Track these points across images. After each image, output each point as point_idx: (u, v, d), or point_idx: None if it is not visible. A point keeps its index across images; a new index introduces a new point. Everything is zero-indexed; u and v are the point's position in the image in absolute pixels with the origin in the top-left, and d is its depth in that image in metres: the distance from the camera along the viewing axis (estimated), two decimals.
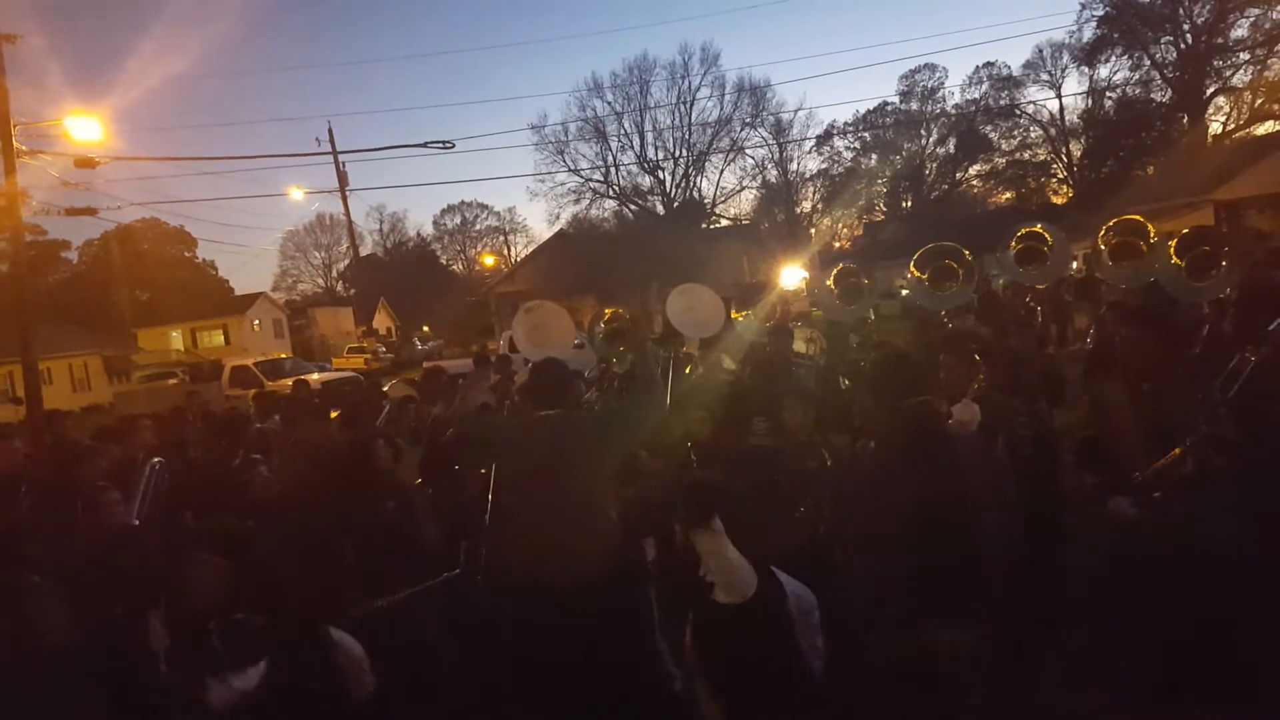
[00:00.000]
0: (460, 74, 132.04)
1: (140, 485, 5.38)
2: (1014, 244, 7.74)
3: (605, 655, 3.83)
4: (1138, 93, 56.28)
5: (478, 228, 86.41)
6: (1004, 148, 63.91)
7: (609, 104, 62.42)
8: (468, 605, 4.59)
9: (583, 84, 65.45)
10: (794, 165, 67.40)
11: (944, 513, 3.32)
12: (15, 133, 17.00)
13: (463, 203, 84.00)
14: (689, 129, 63.13)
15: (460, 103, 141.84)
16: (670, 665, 4.14)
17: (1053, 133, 61.82)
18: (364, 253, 71.00)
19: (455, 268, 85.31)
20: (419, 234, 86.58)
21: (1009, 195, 64.43)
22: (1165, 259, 6.67)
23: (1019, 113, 61.94)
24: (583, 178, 63.35)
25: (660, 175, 64.57)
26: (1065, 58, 58.62)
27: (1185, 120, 53.78)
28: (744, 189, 67.53)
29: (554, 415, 4.36)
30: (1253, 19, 49.19)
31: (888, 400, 3.74)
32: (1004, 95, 62.11)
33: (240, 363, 31.47)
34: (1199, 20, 51.36)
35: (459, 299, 62.21)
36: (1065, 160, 62.28)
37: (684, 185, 65.17)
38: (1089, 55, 56.49)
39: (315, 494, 5.26)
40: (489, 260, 75.62)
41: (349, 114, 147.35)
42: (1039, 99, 61.45)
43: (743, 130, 64.09)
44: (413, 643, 4.67)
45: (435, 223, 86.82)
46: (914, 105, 65.48)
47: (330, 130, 42.08)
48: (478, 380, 5.78)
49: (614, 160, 63.58)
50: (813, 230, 65.61)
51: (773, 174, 66.96)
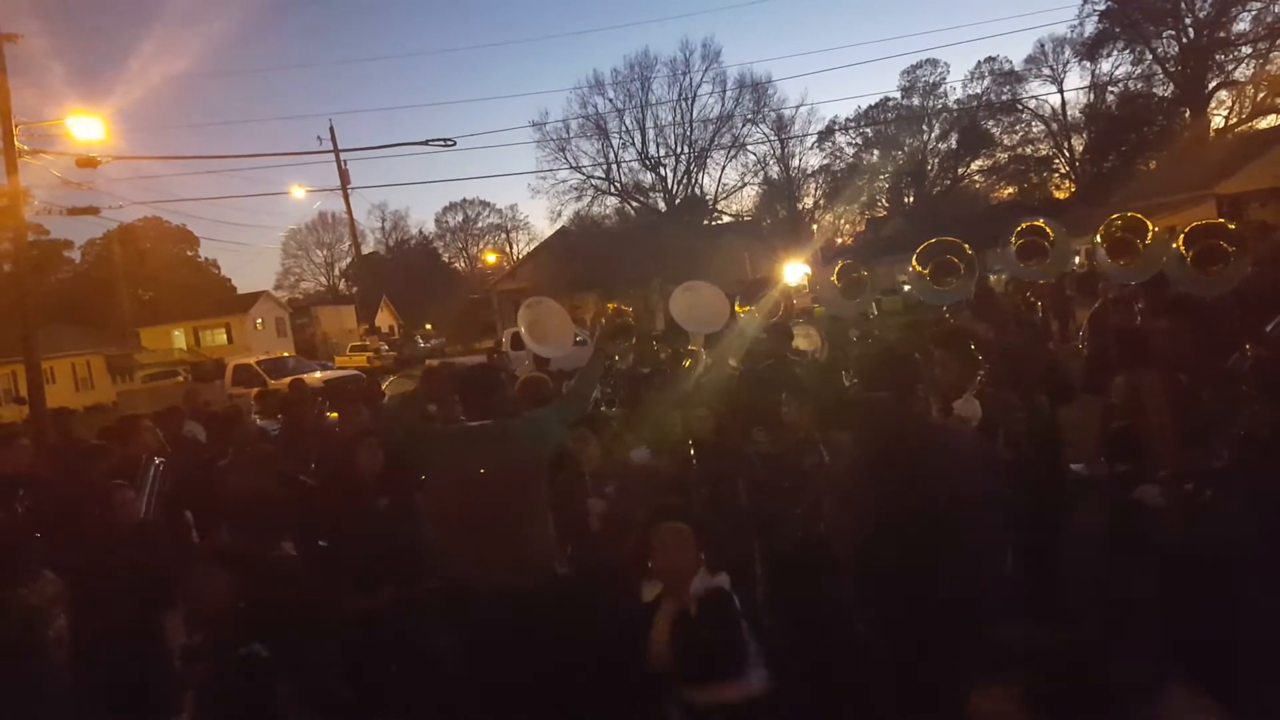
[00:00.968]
0: (461, 71, 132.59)
1: (146, 484, 5.40)
2: (1015, 239, 7.74)
3: (547, 664, 3.83)
4: (1140, 87, 56.19)
5: (480, 225, 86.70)
6: (1006, 143, 63.84)
7: (610, 101, 62.35)
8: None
9: (584, 81, 65.70)
10: (796, 161, 67.50)
11: (909, 504, 3.36)
12: (17, 132, 17.02)
13: (464, 200, 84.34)
14: (690, 125, 63.05)
15: (461, 100, 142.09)
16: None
17: (1055, 127, 61.72)
18: (366, 251, 71.17)
19: (457, 265, 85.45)
20: (421, 232, 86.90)
21: (1011, 190, 64.27)
22: (1171, 253, 6.67)
23: (1021, 108, 61.87)
24: (584, 175, 63.31)
25: (662, 172, 64.46)
26: (1067, 52, 58.59)
27: (1187, 114, 53.65)
28: (746, 185, 67.48)
29: (483, 426, 4.31)
30: (1254, 12, 49.04)
31: (869, 389, 3.84)
32: (1006, 90, 62.00)
33: (243, 361, 31.50)
34: (1201, 14, 51.21)
35: (461, 297, 62.36)
36: (1067, 155, 62.17)
37: (686, 182, 65.06)
38: (1091, 50, 56.40)
39: (308, 492, 5.27)
40: (491, 258, 75.70)
41: (350, 112, 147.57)
42: (1041, 94, 61.34)
43: (744, 126, 63.99)
44: (406, 642, 4.69)
45: (437, 220, 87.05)
46: (916, 101, 65.37)
47: (332, 128, 42.35)
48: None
49: (615, 157, 63.49)
50: (815, 226, 65.57)
51: (774, 170, 66.98)
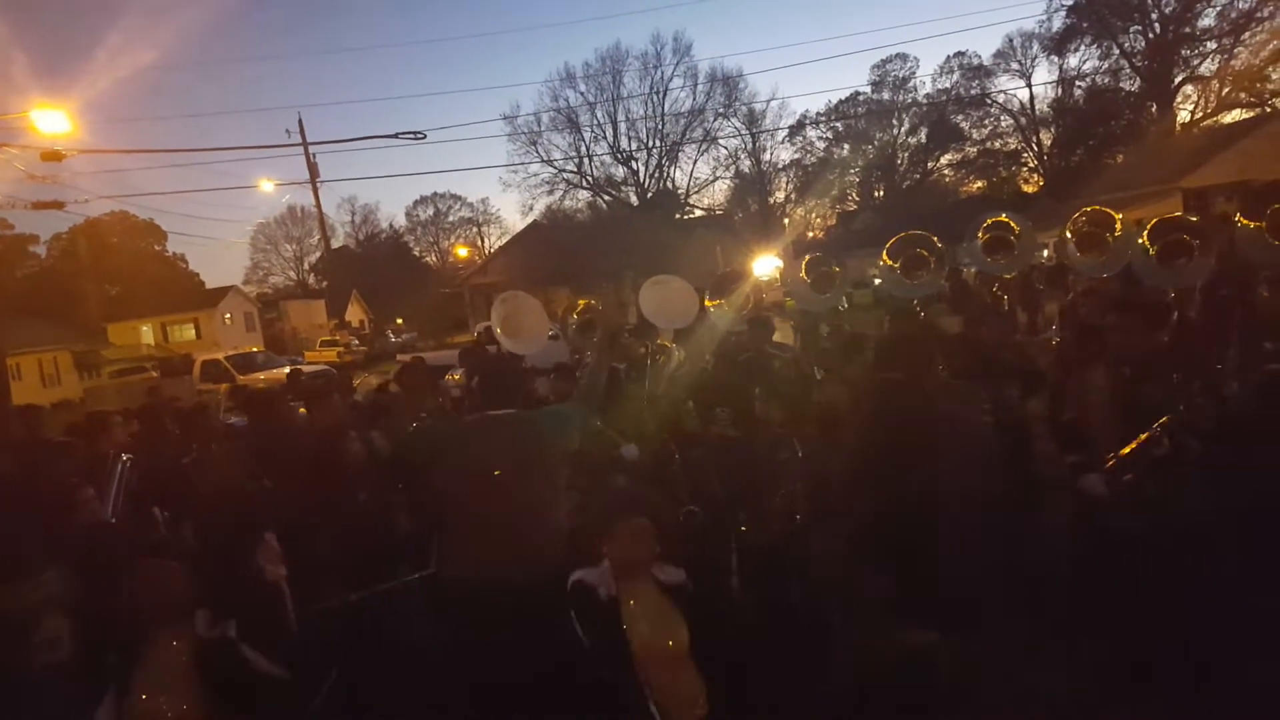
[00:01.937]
0: (432, 63, 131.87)
1: (112, 482, 5.34)
2: (981, 234, 7.81)
3: (552, 659, 3.83)
4: (1107, 82, 56.79)
5: (451, 219, 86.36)
6: (975, 137, 64.48)
7: (582, 94, 62.45)
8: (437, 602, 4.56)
9: (555, 74, 65.56)
10: (767, 155, 67.83)
11: (926, 478, 3.60)
12: None
13: (435, 194, 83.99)
14: (662, 119, 63.23)
15: (432, 93, 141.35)
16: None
17: (1023, 122, 62.34)
18: (336, 245, 70.76)
19: (428, 259, 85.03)
20: (391, 226, 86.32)
21: (980, 184, 64.83)
22: (1136, 246, 6.74)
23: (990, 102, 62.40)
24: (556, 168, 63.36)
25: (634, 165, 64.64)
26: (1035, 47, 59.26)
27: (1154, 109, 54.31)
28: (717, 179, 67.87)
29: (505, 415, 4.32)
30: (1220, 8, 49.80)
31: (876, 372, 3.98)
32: (975, 85, 62.57)
33: (211, 357, 31.16)
34: (1167, 10, 51.84)
35: (432, 291, 61.95)
36: (1035, 149, 62.83)
37: (658, 175, 65.26)
38: (1059, 45, 57.04)
39: (285, 487, 5.22)
40: (462, 252, 75.22)
41: (319, 105, 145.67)
42: (1009, 88, 61.87)
43: (716, 120, 64.33)
44: (386, 637, 4.66)
45: (408, 214, 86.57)
46: (886, 95, 65.77)
47: (300, 121, 42.20)
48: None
49: (587, 151, 63.62)
50: (786, 220, 65.80)
51: (746, 164, 67.29)
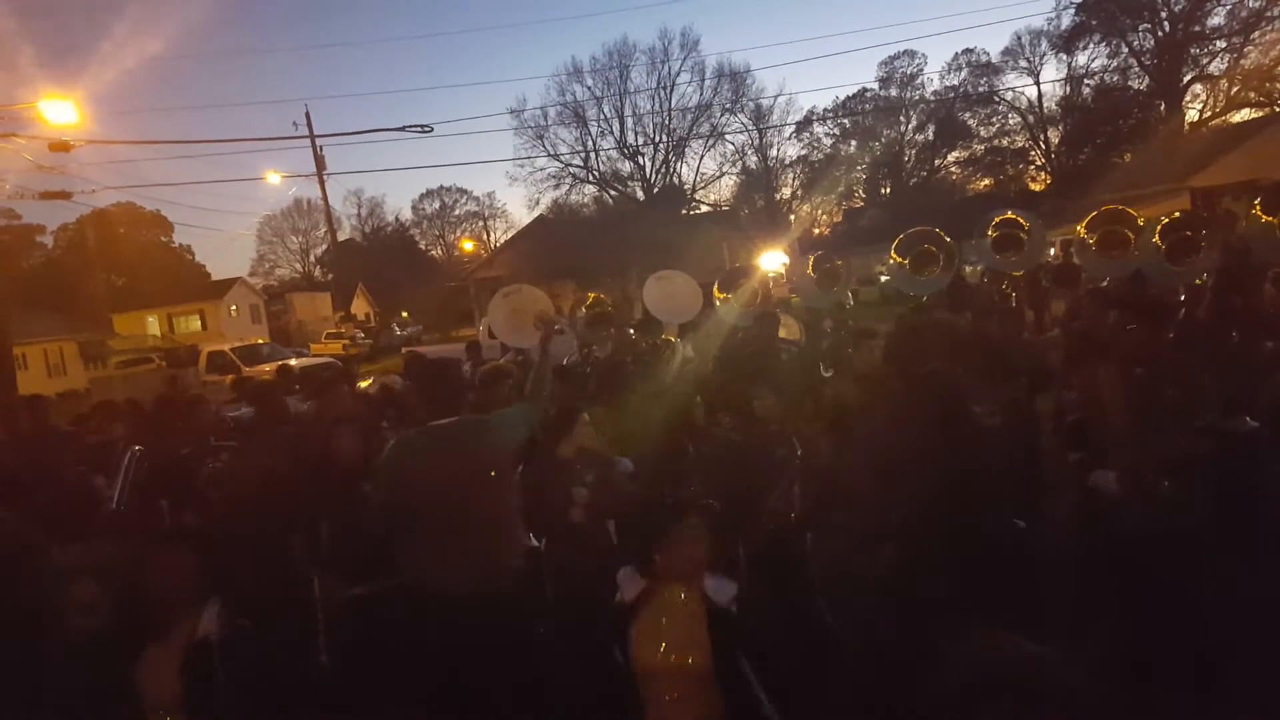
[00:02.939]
0: (439, 57, 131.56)
1: (120, 472, 5.34)
2: (990, 231, 7.79)
3: (512, 665, 3.83)
4: (1115, 80, 56.64)
5: (457, 212, 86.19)
6: (982, 134, 64.32)
7: (589, 89, 62.36)
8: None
9: (562, 68, 65.40)
10: (774, 151, 67.78)
11: (960, 467, 3.73)
12: None
13: (442, 187, 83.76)
14: (669, 114, 63.16)
15: (439, 86, 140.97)
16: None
17: (1031, 120, 62.12)
18: (342, 237, 70.59)
19: (434, 253, 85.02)
20: (397, 219, 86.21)
21: (987, 182, 64.76)
22: (1147, 244, 6.74)
23: (997, 100, 62.24)
24: (562, 163, 63.32)
25: (640, 161, 64.53)
26: (1044, 45, 59.11)
27: (1162, 108, 54.15)
28: (724, 175, 67.69)
29: (446, 425, 4.24)
30: (1229, 7, 49.64)
31: (904, 367, 4.10)
32: (983, 82, 62.45)
33: (217, 348, 31.18)
34: (1176, 8, 51.64)
35: (438, 284, 61.93)
36: (1043, 147, 62.64)
37: (664, 171, 65.15)
38: (1067, 42, 56.84)
39: (278, 481, 5.23)
40: (468, 245, 75.13)
41: (327, 97, 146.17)
42: (1017, 86, 61.74)
43: (722, 116, 64.18)
44: (382, 633, 4.66)
45: (414, 207, 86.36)
46: (893, 92, 65.63)
47: (308, 113, 41.70)
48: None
49: (594, 145, 63.54)
50: (792, 216, 65.76)
51: (752, 160, 67.19)
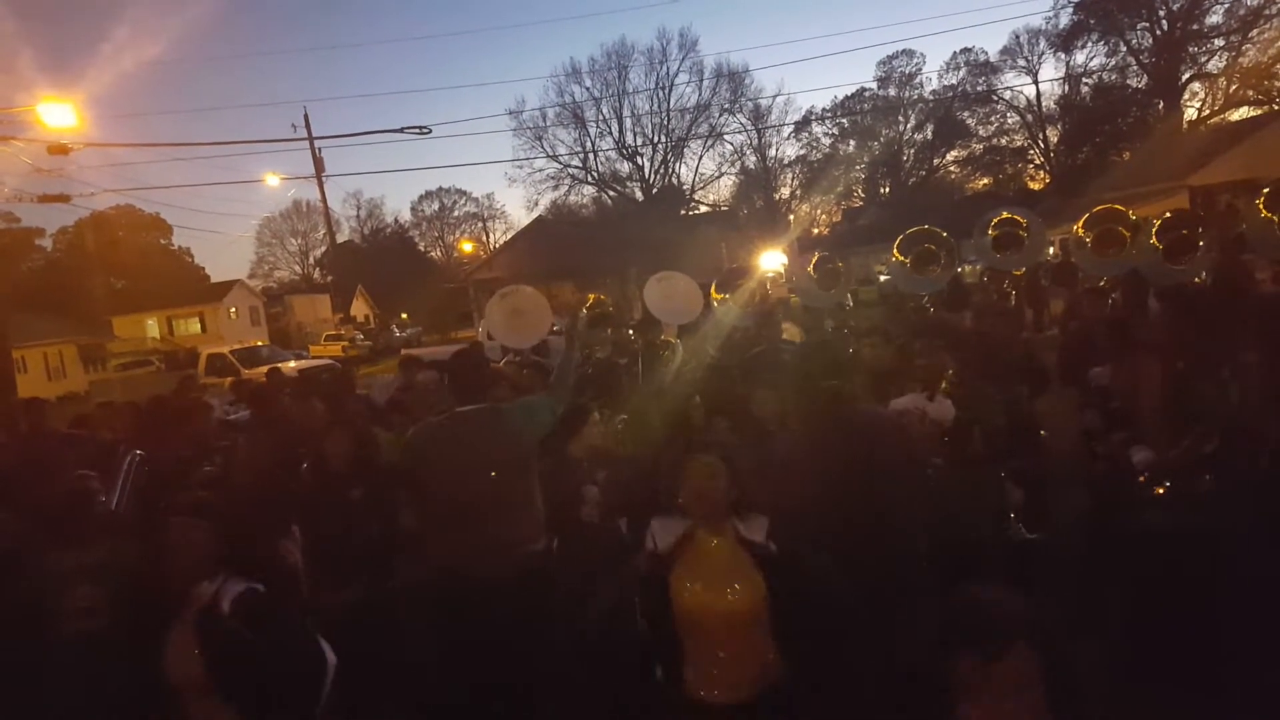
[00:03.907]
0: (437, 58, 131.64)
1: (120, 475, 5.34)
2: (990, 230, 7.78)
3: (530, 650, 3.84)
4: (1114, 79, 56.67)
5: (456, 214, 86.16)
6: (981, 134, 64.28)
7: (587, 89, 62.23)
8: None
9: (561, 69, 65.21)
10: (772, 151, 67.57)
11: (852, 478, 3.84)
12: None
13: (440, 189, 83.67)
14: (667, 115, 63.06)
15: (438, 88, 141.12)
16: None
17: (1029, 119, 62.10)
18: (341, 239, 70.68)
19: (433, 254, 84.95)
20: (396, 220, 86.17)
21: (986, 181, 64.73)
22: (1144, 243, 6.74)
23: (996, 99, 62.25)
24: (561, 164, 63.22)
25: (639, 161, 64.42)
26: (1042, 44, 59.06)
27: (1161, 106, 54.13)
28: (723, 175, 67.51)
29: (474, 410, 4.36)
30: (1227, 5, 49.58)
31: (806, 384, 4.39)
32: (981, 81, 62.40)
33: (216, 350, 31.24)
34: (1174, 6, 51.61)
35: (437, 286, 61.85)
36: (1042, 146, 62.60)
37: (663, 171, 65.07)
38: (1065, 41, 56.83)
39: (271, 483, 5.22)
40: (467, 247, 75.10)
41: (325, 99, 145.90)
42: (1016, 85, 61.85)
43: (721, 116, 64.05)
44: (382, 636, 4.65)
45: (413, 209, 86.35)
46: (892, 91, 65.57)
47: (306, 115, 41.56)
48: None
49: (592, 146, 63.44)
50: (791, 216, 65.65)
51: (751, 160, 67.02)
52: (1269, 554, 3.77)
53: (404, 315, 61.95)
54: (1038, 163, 63.65)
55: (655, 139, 63.45)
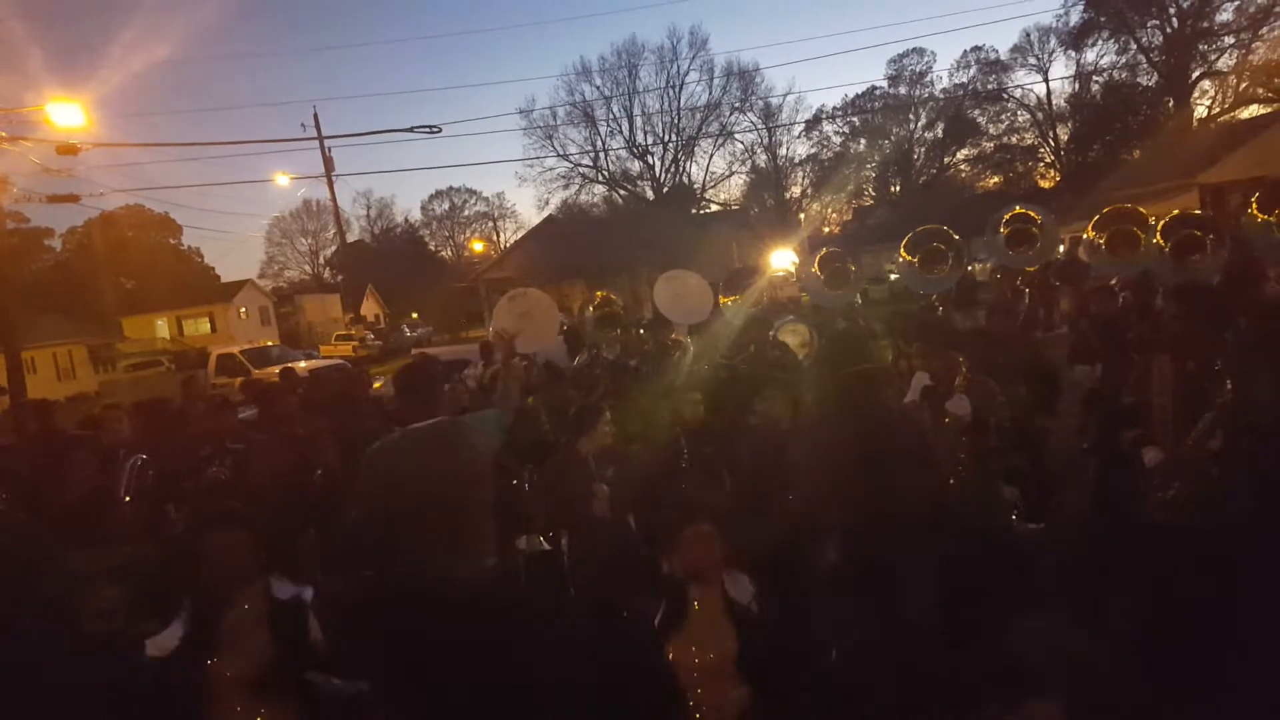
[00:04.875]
0: (447, 58, 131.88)
1: (122, 479, 5.36)
2: (1003, 227, 7.74)
3: (496, 662, 3.81)
4: (1124, 77, 56.53)
5: (466, 213, 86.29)
6: (991, 132, 64.23)
7: (597, 88, 62.41)
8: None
9: (571, 68, 65.40)
10: (783, 150, 67.60)
11: (876, 461, 3.87)
12: None
13: (451, 188, 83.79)
14: (678, 114, 63.15)
15: (448, 87, 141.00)
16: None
17: (1040, 117, 62.03)
18: (351, 239, 70.81)
19: (444, 254, 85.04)
20: (407, 220, 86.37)
21: (996, 179, 64.54)
22: (1152, 246, 6.70)
23: (1006, 97, 62.14)
24: (572, 163, 63.37)
25: (649, 160, 64.55)
26: (1052, 42, 59.00)
27: (1171, 104, 53.96)
28: (733, 174, 67.70)
29: (426, 427, 4.24)
30: (1237, 3, 49.36)
31: (831, 370, 4.40)
32: (992, 79, 62.26)
33: (226, 350, 31.17)
34: (1184, 4, 51.44)
35: (448, 285, 61.92)
36: (1052, 144, 62.48)
37: (673, 170, 65.16)
38: (1076, 39, 56.71)
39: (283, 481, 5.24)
40: (478, 246, 75.07)
41: (335, 99, 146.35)
42: (1026, 83, 61.60)
43: (732, 115, 64.14)
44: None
45: (423, 208, 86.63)
46: (902, 89, 65.52)
47: (316, 115, 41.44)
48: None
49: (603, 145, 63.61)
50: (802, 215, 65.62)
51: (762, 159, 67.09)
52: (1273, 552, 3.75)
53: (414, 315, 62.03)
54: (1048, 161, 63.51)
55: (666, 138, 63.59)
